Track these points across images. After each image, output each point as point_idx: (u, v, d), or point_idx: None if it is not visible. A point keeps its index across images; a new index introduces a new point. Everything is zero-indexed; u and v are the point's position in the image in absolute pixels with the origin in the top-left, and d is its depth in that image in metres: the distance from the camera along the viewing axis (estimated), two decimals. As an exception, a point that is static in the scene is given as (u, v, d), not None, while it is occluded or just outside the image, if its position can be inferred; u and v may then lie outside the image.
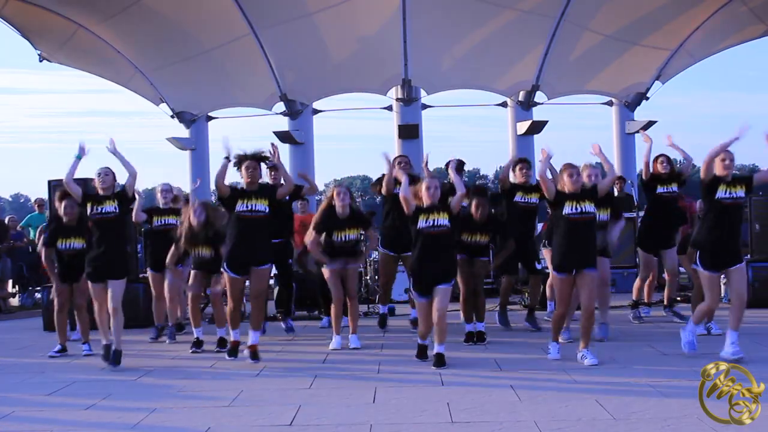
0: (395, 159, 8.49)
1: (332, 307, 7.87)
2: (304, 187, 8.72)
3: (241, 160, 6.90)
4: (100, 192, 7.15)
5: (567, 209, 6.47)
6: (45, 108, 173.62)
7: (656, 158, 8.68)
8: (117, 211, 7.10)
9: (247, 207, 6.84)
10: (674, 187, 8.58)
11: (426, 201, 6.61)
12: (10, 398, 5.95)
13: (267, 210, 6.88)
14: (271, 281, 9.32)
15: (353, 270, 7.93)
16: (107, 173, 7.22)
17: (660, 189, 8.56)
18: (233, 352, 7.20)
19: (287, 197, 8.11)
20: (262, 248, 6.98)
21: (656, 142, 8.51)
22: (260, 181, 7.17)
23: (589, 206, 6.47)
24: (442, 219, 6.53)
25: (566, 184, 6.52)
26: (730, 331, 6.44)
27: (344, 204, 7.63)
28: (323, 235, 7.66)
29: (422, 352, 6.85)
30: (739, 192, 6.45)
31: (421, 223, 6.54)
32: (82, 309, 7.91)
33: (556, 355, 6.70)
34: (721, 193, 6.41)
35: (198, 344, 7.91)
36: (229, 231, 6.98)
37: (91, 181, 7.45)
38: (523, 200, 8.49)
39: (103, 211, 7.06)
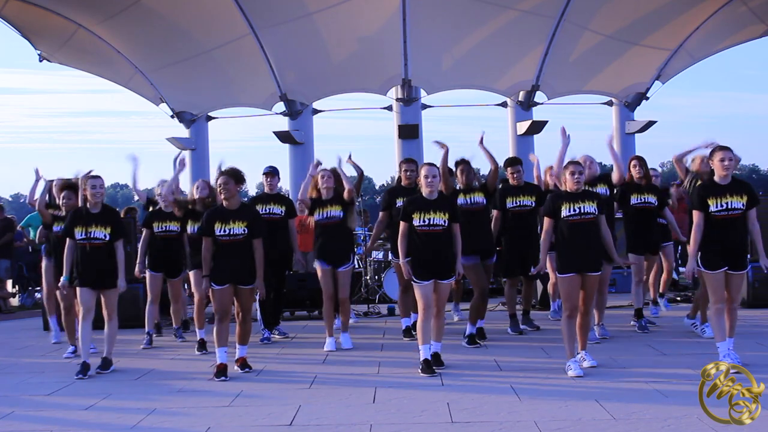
0: (400, 167, 8.54)
1: (323, 305, 7.85)
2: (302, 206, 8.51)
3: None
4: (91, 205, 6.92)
5: (564, 212, 6.24)
6: (45, 108, 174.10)
7: (630, 160, 8.57)
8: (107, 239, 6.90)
9: (224, 231, 6.56)
10: (650, 197, 8.34)
11: (425, 191, 6.47)
12: (10, 398, 5.94)
13: (245, 232, 6.58)
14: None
15: (344, 273, 7.82)
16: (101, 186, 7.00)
17: (634, 200, 8.35)
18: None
19: (281, 212, 8.32)
20: (244, 268, 6.64)
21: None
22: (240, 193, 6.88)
23: (588, 206, 6.22)
24: (439, 218, 6.40)
25: (567, 182, 6.32)
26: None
27: (329, 186, 7.88)
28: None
29: (428, 367, 6.32)
30: (736, 203, 6.16)
31: (416, 221, 6.40)
32: None
33: (580, 372, 6.03)
34: (713, 206, 6.15)
35: (202, 345, 7.89)
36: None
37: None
38: (515, 205, 8.40)
39: (92, 235, 6.85)
